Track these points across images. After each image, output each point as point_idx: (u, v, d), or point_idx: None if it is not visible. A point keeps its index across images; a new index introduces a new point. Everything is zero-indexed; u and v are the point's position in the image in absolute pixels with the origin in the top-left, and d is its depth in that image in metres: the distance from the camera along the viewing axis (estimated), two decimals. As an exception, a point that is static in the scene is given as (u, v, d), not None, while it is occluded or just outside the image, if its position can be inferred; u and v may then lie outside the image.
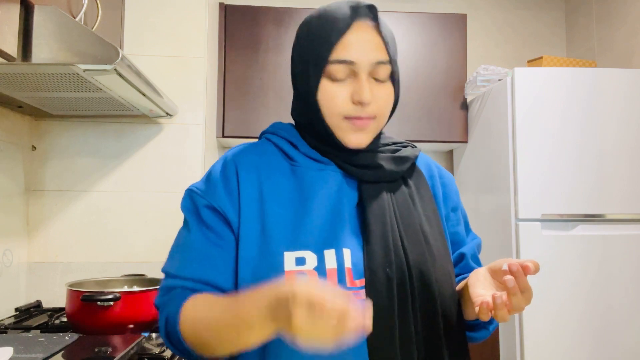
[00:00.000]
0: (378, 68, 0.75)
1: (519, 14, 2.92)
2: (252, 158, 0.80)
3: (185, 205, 0.82)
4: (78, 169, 1.84)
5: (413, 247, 0.75)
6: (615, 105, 2.05)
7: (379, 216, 0.75)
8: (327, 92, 0.76)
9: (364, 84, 0.74)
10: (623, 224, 2.03)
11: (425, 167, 0.89)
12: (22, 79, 1.27)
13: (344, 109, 0.76)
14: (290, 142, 0.82)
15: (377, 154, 0.81)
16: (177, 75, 1.92)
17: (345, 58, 0.74)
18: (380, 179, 0.79)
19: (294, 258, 0.70)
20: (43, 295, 1.78)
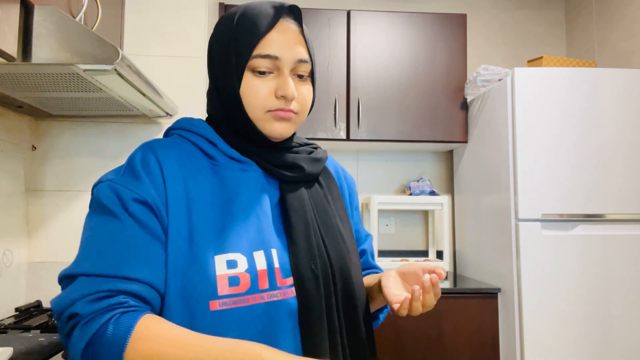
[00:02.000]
0: (300, 66, 0.78)
1: (519, 14, 2.92)
2: (173, 154, 0.75)
3: (106, 196, 0.70)
4: (78, 169, 1.84)
5: (333, 245, 0.78)
6: (615, 105, 2.05)
7: (301, 215, 0.77)
8: (250, 87, 0.76)
9: (288, 80, 0.76)
10: (623, 224, 2.03)
11: (332, 169, 0.93)
12: (22, 79, 1.27)
13: (267, 103, 0.76)
14: (209, 140, 0.79)
15: (296, 155, 0.82)
16: (177, 75, 1.92)
17: (270, 53, 0.75)
18: (300, 180, 0.81)
19: (225, 261, 0.69)
20: (43, 295, 1.78)
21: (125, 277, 0.64)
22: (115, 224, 0.68)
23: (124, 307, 0.62)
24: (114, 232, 0.67)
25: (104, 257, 0.66)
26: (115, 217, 0.68)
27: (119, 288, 0.63)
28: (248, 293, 0.69)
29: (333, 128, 2.36)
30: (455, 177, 2.72)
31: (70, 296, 0.63)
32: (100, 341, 0.60)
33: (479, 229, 2.40)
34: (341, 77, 2.39)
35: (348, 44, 2.41)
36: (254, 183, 0.77)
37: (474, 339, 2.09)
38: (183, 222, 0.70)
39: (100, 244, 0.67)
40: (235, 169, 0.77)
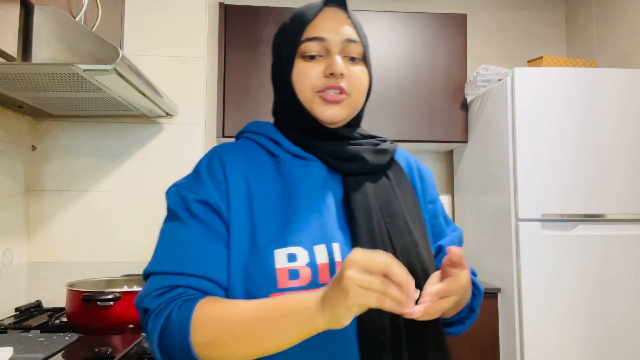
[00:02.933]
0: (349, 46, 0.78)
1: (519, 14, 2.92)
2: (237, 155, 0.79)
3: (173, 201, 0.76)
4: (78, 169, 1.84)
5: (398, 238, 0.76)
6: (615, 105, 2.05)
7: (365, 209, 0.76)
8: (300, 71, 0.79)
9: (336, 58, 0.77)
10: (623, 224, 2.03)
11: (404, 161, 0.91)
12: (22, 79, 1.27)
13: (315, 82, 0.78)
14: (272, 139, 0.82)
15: (359, 147, 0.82)
16: (177, 75, 1.92)
17: (317, 35, 0.78)
18: (363, 171, 0.80)
19: (286, 255, 0.70)
20: (43, 295, 1.78)
21: (186, 273, 0.70)
22: (178, 226, 0.74)
23: (183, 297, 0.68)
24: (177, 233, 0.74)
25: (168, 257, 0.72)
26: (179, 219, 0.74)
27: (180, 283, 0.69)
28: (309, 287, 0.69)
29: (333, 128, 2.36)
30: (455, 177, 2.72)
31: (142, 293, 0.71)
32: (168, 331, 0.65)
33: (479, 229, 2.39)
34: (341, 77, 2.39)
35: (348, 44, 2.41)
36: (316, 178, 0.78)
37: (473, 339, 2.08)
38: (245, 218, 0.74)
39: (166, 244, 0.74)
40: (298, 165, 0.79)
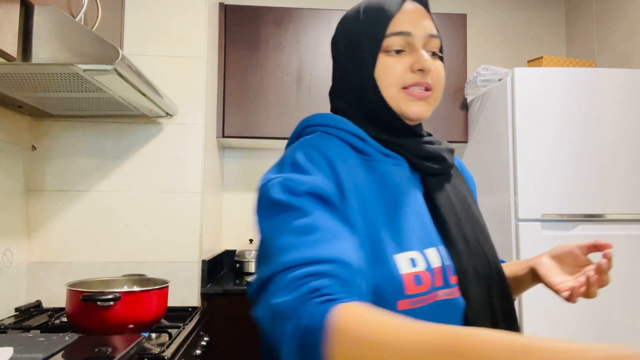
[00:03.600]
0: (431, 41, 0.77)
1: (519, 14, 2.92)
2: (336, 150, 0.72)
3: (279, 192, 0.65)
4: (78, 169, 1.84)
5: (485, 241, 0.76)
6: (615, 105, 2.05)
7: (450, 211, 0.75)
8: (384, 66, 0.75)
9: (423, 53, 0.75)
10: (623, 224, 2.03)
11: (456, 161, 0.90)
12: (22, 79, 1.27)
13: (403, 78, 0.75)
14: (357, 135, 0.76)
15: (436, 146, 0.81)
16: (177, 75, 1.92)
17: (402, 29, 0.75)
18: (442, 172, 0.79)
19: (408, 259, 0.66)
20: (43, 295, 1.78)
21: (332, 259, 0.58)
22: (303, 216, 0.62)
23: (319, 295, 0.55)
24: (304, 224, 0.62)
25: (292, 249, 0.60)
26: (299, 211, 0.63)
27: (313, 272, 0.57)
28: (428, 292, 0.67)
29: (333, 128, 2.35)
30: (455, 177, 2.72)
31: (271, 298, 0.58)
32: (306, 336, 0.53)
33: (479, 229, 2.39)
34: (341, 77, 2.39)
35: (348, 44, 2.41)
36: (407, 178, 0.75)
37: (474, 339, 2.08)
38: (359, 216, 0.67)
39: (294, 237, 0.61)
40: (389, 164, 0.75)
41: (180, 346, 1.34)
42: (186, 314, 1.68)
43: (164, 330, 1.42)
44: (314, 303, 0.54)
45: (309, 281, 0.56)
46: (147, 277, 1.62)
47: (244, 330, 1.96)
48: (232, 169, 2.68)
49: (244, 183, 2.69)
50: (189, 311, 1.72)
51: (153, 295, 1.38)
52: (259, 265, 0.64)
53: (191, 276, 1.88)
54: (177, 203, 1.88)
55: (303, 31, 2.38)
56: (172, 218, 1.87)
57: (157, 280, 1.55)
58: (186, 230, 1.88)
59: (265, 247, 0.63)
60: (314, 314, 0.53)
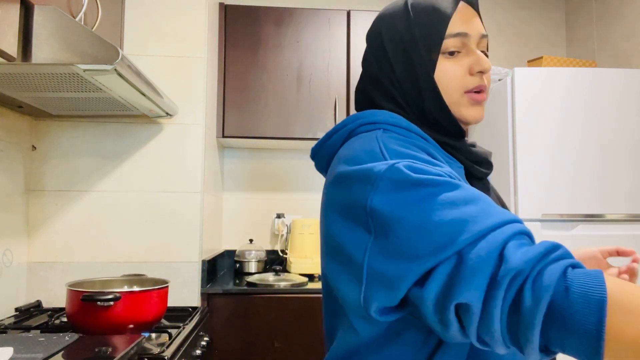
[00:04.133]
0: (482, 41, 0.75)
1: (519, 14, 2.92)
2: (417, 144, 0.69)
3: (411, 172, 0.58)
4: (78, 169, 1.84)
5: None
6: (615, 105, 2.05)
7: None
8: (444, 70, 0.73)
9: (481, 54, 0.73)
10: (623, 224, 2.03)
11: None
12: (22, 79, 1.27)
13: (464, 83, 0.73)
14: (421, 135, 0.72)
15: (482, 149, 0.79)
16: (177, 75, 1.92)
17: (460, 30, 0.73)
18: (486, 175, 0.78)
19: None
20: (43, 295, 1.78)
21: (509, 221, 0.52)
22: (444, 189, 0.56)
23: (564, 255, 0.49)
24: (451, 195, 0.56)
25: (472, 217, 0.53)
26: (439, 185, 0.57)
27: (517, 230, 0.51)
28: None
29: (333, 128, 2.35)
30: (455, 177, 2.72)
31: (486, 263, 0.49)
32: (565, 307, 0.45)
33: (479, 229, 2.39)
34: (341, 77, 2.39)
35: (348, 44, 2.41)
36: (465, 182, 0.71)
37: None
38: None
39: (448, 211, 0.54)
40: (453, 166, 0.72)
41: (180, 346, 1.34)
42: (186, 314, 1.68)
43: (164, 330, 1.42)
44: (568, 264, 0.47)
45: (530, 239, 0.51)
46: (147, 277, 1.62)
47: (244, 330, 1.96)
48: (232, 169, 2.68)
49: (244, 183, 2.69)
50: (189, 311, 1.72)
51: (153, 295, 1.38)
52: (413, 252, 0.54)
53: (191, 276, 1.88)
54: (177, 203, 1.88)
55: (303, 31, 2.38)
56: (172, 218, 1.87)
57: (157, 280, 1.55)
58: (186, 230, 1.88)
59: (425, 229, 0.54)
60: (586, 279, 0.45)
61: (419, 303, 0.54)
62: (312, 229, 2.46)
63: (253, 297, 1.98)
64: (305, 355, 1.97)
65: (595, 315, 0.43)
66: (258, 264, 2.45)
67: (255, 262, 2.44)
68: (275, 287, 2.00)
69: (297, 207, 2.70)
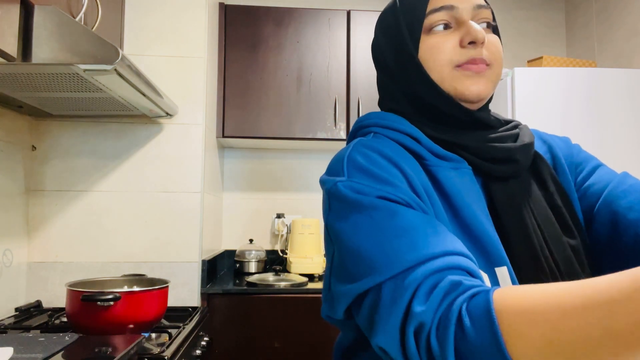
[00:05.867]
0: (481, 12, 0.67)
1: (519, 14, 2.92)
2: (397, 153, 0.64)
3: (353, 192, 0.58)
4: (78, 169, 1.84)
5: (558, 247, 0.63)
6: (615, 105, 2.05)
7: (519, 223, 0.63)
8: (429, 47, 0.66)
9: (473, 24, 0.65)
10: (623, 224, 2.03)
11: (539, 143, 0.76)
12: (22, 79, 1.27)
13: (454, 56, 0.65)
14: (411, 135, 0.67)
15: (507, 145, 0.67)
16: (177, 75, 1.92)
17: (445, 3, 0.66)
18: (512, 175, 0.67)
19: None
20: (43, 295, 1.78)
21: (433, 256, 0.50)
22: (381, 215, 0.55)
23: (463, 290, 0.48)
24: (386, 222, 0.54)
25: (395, 250, 0.52)
26: (377, 208, 0.56)
27: (435, 268, 0.50)
28: None
29: (333, 128, 2.36)
30: (455, 177, 2.72)
31: (395, 311, 0.49)
32: (467, 342, 0.45)
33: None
34: (341, 77, 2.39)
35: (348, 44, 2.41)
36: (469, 184, 0.64)
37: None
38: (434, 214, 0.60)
39: (378, 239, 0.53)
40: (447, 167, 0.65)
41: (180, 346, 1.34)
42: (186, 314, 1.68)
43: (164, 330, 1.42)
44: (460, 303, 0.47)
45: (435, 284, 0.49)
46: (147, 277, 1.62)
47: (244, 330, 1.96)
48: (232, 169, 2.69)
49: (244, 183, 2.69)
50: (189, 311, 1.72)
51: (153, 295, 1.38)
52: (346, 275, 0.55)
53: (191, 276, 1.88)
54: (177, 203, 1.88)
55: (303, 31, 2.38)
56: (172, 218, 1.87)
57: (157, 280, 1.55)
58: (186, 230, 1.88)
59: (348, 250, 0.56)
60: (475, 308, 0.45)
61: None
62: (312, 229, 2.46)
63: (253, 297, 1.98)
64: (305, 355, 1.97)
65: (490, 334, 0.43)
66: (258, 264, 2.45)
67: (255, 262, 2.44)
68: (275, 287, 2.00)
69: (297, 207, 2.70)
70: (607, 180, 0.70)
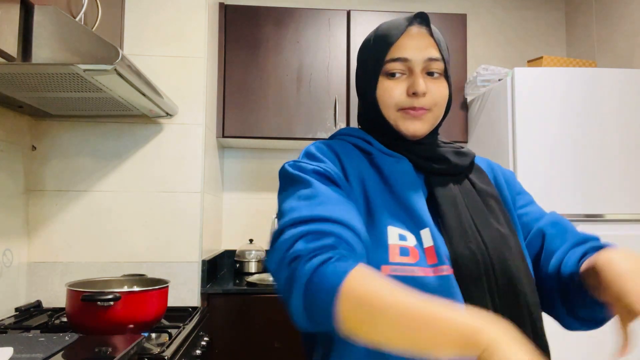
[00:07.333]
0: (431, 64, 0.82)
1: (519, 14, 2.92)
2: (344, 148, 0.84)
3: (291, 170, 0.78)
4: (78, 169, 1.84)
5: (486, 230, 0.79)
6: (615, 105, 2.05)
7: (451, 203, 0.80)
8: (384, 89, 0.83)
9: (418, 78, 0.81)
10: (623, 224, 2.03)
11: (484, 164, 0.95)
12: (22, 79, 1.27)
13: (399, 101, 0.82)
14: (365, 139, 0.87)
15: (441, 148, 0.87)
16: (177, 75, 1.92)
17: (400, 56, 0.82)
18: (447, 172, 0.84)
19: (397, 234, 0.74)
20: (43, 295, 1.78)
21: (331, 219, 0.68)
22: (308, 187, 0.74)
23: (339, 252, 0.65)
24: (308, 192, 0.73)
25: (307, 207, 0.71)
26: (305, 183, 0.75)
27: (328, 230, 0.67)
28: (417, 265, 0.72)
29: (333, 128, 2.36)
30: (455, 177, 2.72)
31: (286, 244, 0.67)
32: (322, 275, 0.62)
33: (479, 229, 2.39)
34: (341, 77, 2.39)
35: (348, 44, 2.41)
36: (407, 173, 0.81)
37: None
38: (361, 196, 0.78)
39: (300, 202, 0.72)
40: (390, 161, 0.83)
41: (180, 346, 1.34)
42: (186, 314, 1.68)
43: (164, 330, 1.42)
44: (321, 260, 0.63)
45: (322, 235, 0.66)
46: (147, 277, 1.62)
47: (244, 330, 1.96)
48: (232, 169, 2.69)
49: (244, 183, 2.69)
50: (189, 311, 1.72)
51: (153, 295, 1.38)
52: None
53: (191, 276, 1.88)
54: (177, 203, 1.88)
55: (303, 31, 2.38)
56: (172, 218, 1.87)
57: (157, 280, 1.55)
58: (186, 230, 1.88)
59: (278, 213, 0.76)
60: (325, 274, 0.61)
61: None
62: (312, 229, 2.46)
63: (253, 297, 1.98)
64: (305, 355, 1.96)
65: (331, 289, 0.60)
66: (258, 264, 2.45)
67: (255, 262, 2.44)
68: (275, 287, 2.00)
69: (297, 207, 2.70)
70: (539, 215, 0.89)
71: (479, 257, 0.75)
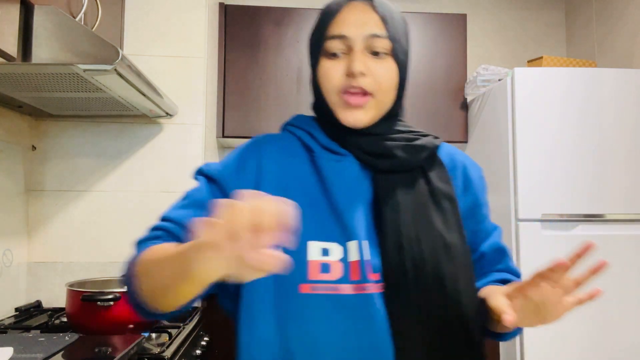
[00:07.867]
0: (374, 41, 0.74)
1: (519, 14, 2.92)
2: (274, 148, 0.80)
3: (195, 172, 0.85)
4: (78, 169, 1.84)
5: (428, 238, 0.72)
6: (615, 105, 2.05)
7: (393, 208, 0.73)
8: (323, 70, 0.76)
9: (357, 56, 0.73)
10: (623, 224, 2.03)
11: (447, 158, 0.84)
12: (22, 79, 1.27)
13: (338, 83, 0.74)
14: (310, 133, 0.80)
15: (390, 142, 0.77)
16: (177, 75, 1.92)
17: (337, 33, 0.74)
18: (394, 169, 0.76)
19: (320, 248, 0.70)
20: (43, 295, 1.78)
21: (166, 218, 0.78)
22: (191, 188, 0.82)
23: (154, 238, 0.76)
24: (186, 192, 0.83)
25: (171, 207, 0.83)
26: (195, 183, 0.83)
27: (160, 226, 0.78)
28: (339, 282, 0.69)
29: (333, 128, 2.36)
30: (455, 177, 2.72)
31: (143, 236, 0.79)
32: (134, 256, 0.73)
33: (479, 229, 2.39)
34: (341, 77, 2.39)
35: (348, 44, 2.41)
36: (348, 174, 0.76)
37: (474, 339, 2.08)
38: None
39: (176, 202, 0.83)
40: (331, 159, 0.77)
41: (180, 346, 1.34)
42: (186, 313, 1.68)
43: (164, 330, 1.42)
44: (143, 246, 0.74)
45: (152, 231, 0.78)
46: (147, 277, 1.61)
47: (244, 330, 1.96)
48: (232, 169, 2.68)
49: (244, 183, 2.69)
50: (189, 311, 1.72)
51: (153, 295, 1.38)
52: None
53: (191, 276, 1.87)
54: (177, 203, 1.88)
55: (303, 31, 2.38)
56: (172, 218, 1.87)
57: (157, 280, 1.55)
58: (186, 230, 1.88)
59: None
60: (136, 252, 0.73)
61: None
62: (312, 229, 2.46)
63: (253, 297, 1.97)
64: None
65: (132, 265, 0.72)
66: (258, 264, 2.44)
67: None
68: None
69: (297, 207, 2.70)
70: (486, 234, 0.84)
71: (411, 273, 0.70)
